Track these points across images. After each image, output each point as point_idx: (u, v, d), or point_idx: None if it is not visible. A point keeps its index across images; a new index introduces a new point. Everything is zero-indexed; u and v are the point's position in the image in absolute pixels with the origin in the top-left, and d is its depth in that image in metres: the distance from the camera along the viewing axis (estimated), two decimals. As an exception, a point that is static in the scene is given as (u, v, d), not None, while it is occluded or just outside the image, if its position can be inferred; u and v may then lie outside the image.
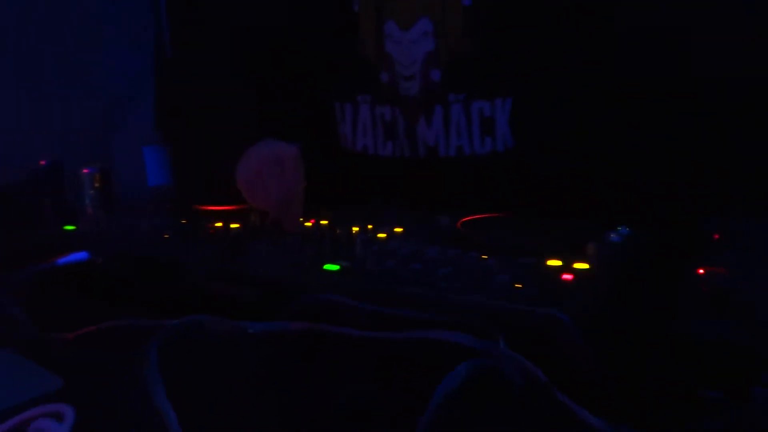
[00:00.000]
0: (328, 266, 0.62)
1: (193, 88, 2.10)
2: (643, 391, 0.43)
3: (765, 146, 0.86)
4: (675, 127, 0.92)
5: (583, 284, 0.55)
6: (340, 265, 0.62)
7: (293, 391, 0.44)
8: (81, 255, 0.84)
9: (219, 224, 0.85)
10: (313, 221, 0.83)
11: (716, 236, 0.64)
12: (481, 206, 0.86)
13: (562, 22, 0.96)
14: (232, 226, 0.83)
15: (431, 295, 0.53)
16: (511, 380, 0.39)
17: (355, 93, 1.11)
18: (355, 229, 0.75)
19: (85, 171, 1.11)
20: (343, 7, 1.10)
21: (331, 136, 1.16)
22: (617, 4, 0.95)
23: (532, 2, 0.97)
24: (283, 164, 0.85)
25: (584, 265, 0.58)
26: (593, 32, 0.96)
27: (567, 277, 0.56)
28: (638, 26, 0.94)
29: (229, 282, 0.63)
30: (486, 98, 0.98)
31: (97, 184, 1.11)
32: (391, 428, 0.40)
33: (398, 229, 0.77)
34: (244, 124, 1.65)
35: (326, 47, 1.13)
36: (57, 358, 0.62)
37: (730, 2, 0.90)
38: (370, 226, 0.76)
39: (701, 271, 0.56)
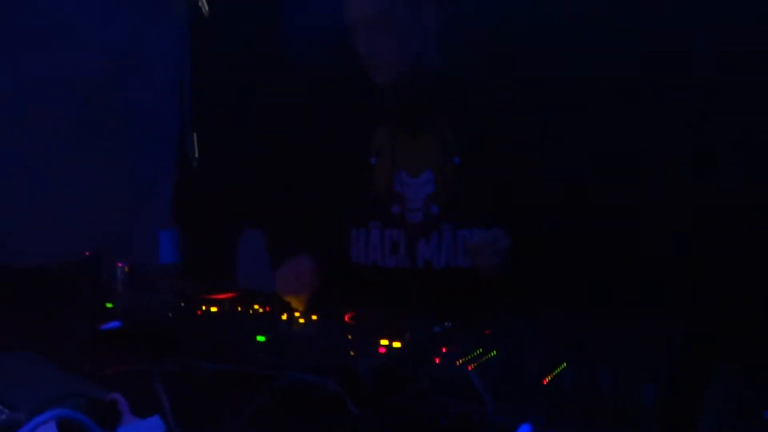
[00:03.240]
0: (259, 337, 1.10)
1: (213, 189, 2.61)
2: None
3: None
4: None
5: (389, 353, 1.02)
6: (266, 337, 1.10)
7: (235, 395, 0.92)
8: (116, 323, 1.32)
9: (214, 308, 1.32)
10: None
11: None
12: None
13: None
14: (212, 309, 1.31)
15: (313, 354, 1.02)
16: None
17: (368, 220, 1.59)
18: (284, 316, 1.23)
19: (119, 264, 1.61)
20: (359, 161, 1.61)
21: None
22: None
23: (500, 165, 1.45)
24: (308, 273, 1.43)
25: (397, 344, 1.05)
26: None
27: (382, 349, 1.03)
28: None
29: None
30: (468, 228, 1.47)
31: (127, 270, 1.61)
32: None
33: (314, 317, 1.24)
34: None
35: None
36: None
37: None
38: (297, 314, 1.24)
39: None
